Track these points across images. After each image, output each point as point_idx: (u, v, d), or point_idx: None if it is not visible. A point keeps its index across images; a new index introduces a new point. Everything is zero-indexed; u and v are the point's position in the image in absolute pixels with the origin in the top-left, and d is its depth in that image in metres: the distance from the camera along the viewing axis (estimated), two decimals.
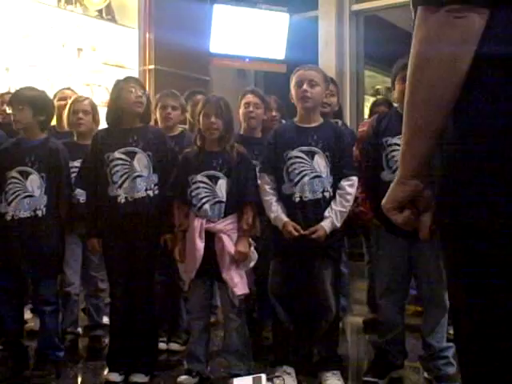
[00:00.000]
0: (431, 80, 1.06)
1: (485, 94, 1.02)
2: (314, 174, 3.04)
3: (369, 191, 3.14)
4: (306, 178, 3.03)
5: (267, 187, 3.09)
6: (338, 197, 3.04)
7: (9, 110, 3.36)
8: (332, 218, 3.00)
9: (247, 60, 6.83)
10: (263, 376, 2.68)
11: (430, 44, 1.05)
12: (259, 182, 3.13)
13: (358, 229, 3.72)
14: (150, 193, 3.15)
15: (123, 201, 3.12)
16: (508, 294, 1.02)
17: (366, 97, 7.62)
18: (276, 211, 3.04)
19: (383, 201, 1.19)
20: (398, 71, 3.01)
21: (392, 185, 1.17)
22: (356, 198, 3.16)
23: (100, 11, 6.02)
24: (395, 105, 3.25)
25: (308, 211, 3.03)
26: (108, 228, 3.20)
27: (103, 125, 3.70)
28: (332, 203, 3.03)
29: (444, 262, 1.21)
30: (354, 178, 3.08)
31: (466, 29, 1.02)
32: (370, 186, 3.11)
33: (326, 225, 2.99)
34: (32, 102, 3.28)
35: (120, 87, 3.25)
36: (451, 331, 2.70)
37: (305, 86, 3.06)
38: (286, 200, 3.07)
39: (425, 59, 1.06)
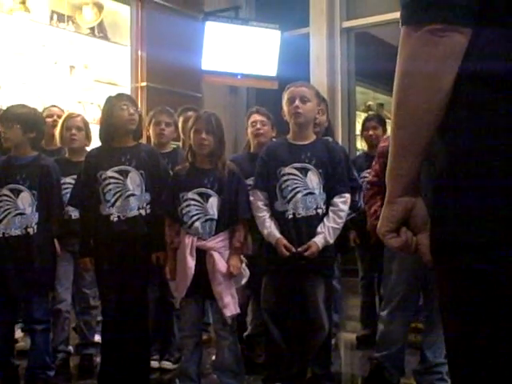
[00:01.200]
0: (415, 98, 1.06)
1: (470, 111, 1.02)
2: (307, 191, 3.04)
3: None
4: (299, 195, 3.04)
5: (260, 203, 3.10)
6: (330, 213, 3.05)
7: None
8: (325, 234, 3.00)
9: (239, 77, 6.85)
10: None
11: (413, 62, 1.06)
12: (252, 198, 3.13)
13: (376, 242, 3.70)
14: (143, 211, 3.15)
15: (116, 219, 3.11)
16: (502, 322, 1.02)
17: (358, 113, 7.65)
18: (269, 227, 3.04)
19: (378, 226, 1.17)
20: None
21: (383, 208, 1.17)
22: (375, 211, 3.14)
23: (92, 29, 6.04)
24: None
25: (301, 228, 3.03)
26: (100, 246, 3.19)
27: (95, 141, 3.71)
28: (325, 219, 3.04)
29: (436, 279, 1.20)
30: (347, 195, 3.09)
31: (448, 47, 1.02)
32: None
33: (318, 241, 2.99)
34: (22, 120, 3.27)
35: (112, 104, 3.25)
36: None
37: (297, 102, 3.08)
38: (278, 217, 3.07)
39: (408, 77, 1.07)
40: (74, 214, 3.46)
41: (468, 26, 1.01)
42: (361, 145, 6.44)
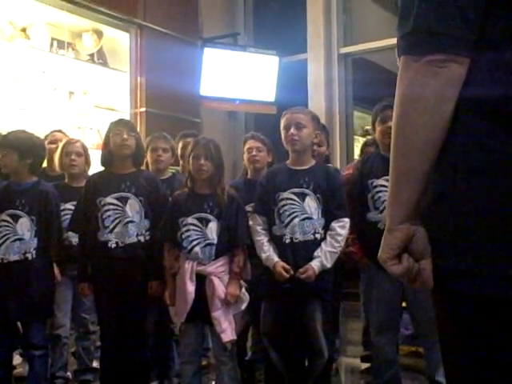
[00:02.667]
0: (415, 126, 1.06)
1: (469, 138, 1.03)
2: (305, 216, 3.05)
3: (357, 232, 3.17)
4: (297, 220, 3.05)
5: (259, 228, 3.11)
6: (328, 238, 3.06)
7: None
8: (321, 259, 3.00)
9: (237, 102, 6.90)
10: None
11: (413, 92, 1.06)
12: (251, 222, 3.14)
13: (350, 269, 3.73)
14: (141, 238, 3.16)
15: (114, 245, 3.12)
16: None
17: (356, 137, 7.69)
18: (267, 251, 3.05)
19: (379, 253, 1.17)
20: (377, 113, 3.07)
21: (383, 235, 1.17)
22: (346, 239, 3.17)
23: (92, 55, 6.09)
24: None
25: (298, 252, 3.04)
26: (99, 272, 3.20)
27: (94, 166, 3.72)
28: (322, 244, 3.04)
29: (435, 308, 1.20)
30: (346, 220, 3.10)
31: (448, 78, 1.03)
32: (358, 226, 3.15)
33: (315, 264, 2.99)
34: (17, 147, 3.27)
35: (110, 130, 3.28)
36: None
37: (292, 130, 3.10)
38: (276, 241, 3.08)
39: (408, 106, 1.08)
40: (75, 239, 3.46)
41: (467, 57, 1.03)
42: None
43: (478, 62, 1.02)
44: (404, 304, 3.18)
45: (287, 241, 3.05)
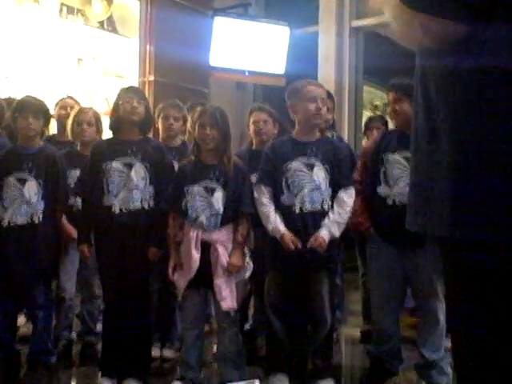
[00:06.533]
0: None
1: (485, 107, 1.04)
2: (313, 186, 3.05)
3: (366, 203, 3.19)
4: (306, 190, 3.05)
5: (264, 199, 3.09)
6: (336, 207, 3.06)
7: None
8: (330, 227, 3.01)
9: (247, 73, 6.86)
10: (256, 382, 2.69)
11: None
12: (256, 193, 3.12)
13: (355, 239, 3.78)
14: (146, 204, 3.16)
15: (118, 211, 3.13)
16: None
17: (365, 112, 7.66)
18: (274, 222, 3.03)
19: None
20: (388, 91, 3.14)
21: None
22: (356, 210, 3.18)
23: (101, 22, 6.07)
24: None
25: (308, 222, 3.04)
26: (102, 236, 3.21)
27: (106, 134, 3.74)
28: (330, 213, 3.05)
29: (445, 276, 1.22)
30: (352, 189, 3.11)
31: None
32: (368, 198, 3.17)
33: (324, 234, 3.00)
34: (44, 112, 3.38)
35: (120, 97, 3.27)
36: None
37: (320, 104, 3.10)
38: (285, 211, 3.07)
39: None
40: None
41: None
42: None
43: (484, 28, 1.03)
44: None
45: (297, 211, 3.05)
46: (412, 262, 3.05)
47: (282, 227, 3.02)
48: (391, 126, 4.50)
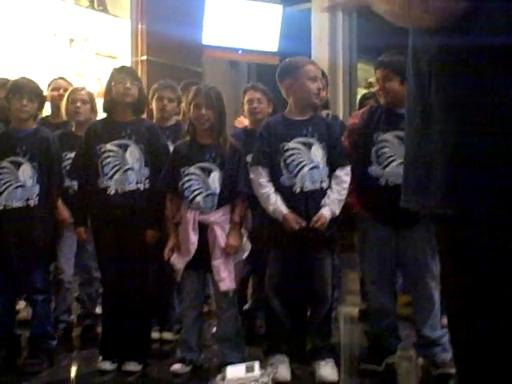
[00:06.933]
0: None
1: (479, 87, 1.03)
2: (312, 165, 3.04)
3: (357, 184, 3.16)
4: (306, 169, 3.03)
5: (262, 180, 3.06)
6: (334, 185, 3.05)
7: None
8: (331, 206, 3.01)
9: (240, 52, 6.82)
10: (256, 364, 2.70)
11: None
12: (253, 175, 3.09)
13: (346, 219, 3.76)
14: (141, 186, 3.15)
15: (113, 192, 3.12)
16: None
17: (359, 89, 7.63)
18: (275, 203, 3.01)
19: None
20: (375, 68, 3.12)
21: None
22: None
23: (92, 2, 6.00)
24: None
25: (309, 201, 3.03)
26: (98, 219, 3.21)
27: (100, 114, 3.71)
28: (329, 192, 3.04)
29: (440, 255, 1.22)
30: (348, 167, 3.10)
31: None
32: (358, 178, 3.14)
33: (326, 212, 3.00)
34: (39, 95, 3.34)
35: (112, 77, 3.24)
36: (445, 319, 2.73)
37: (320, 84, 3.09)
38: (285, 191, 3.05)
39: None
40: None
41: None
42: None
43: (482, 6, 1.01)
44: None
45: (297, 190, 3.03)
46: (406, 240, 3.05)
47: (283, 208, 3.00)
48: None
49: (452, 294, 1.18)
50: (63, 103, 3.80)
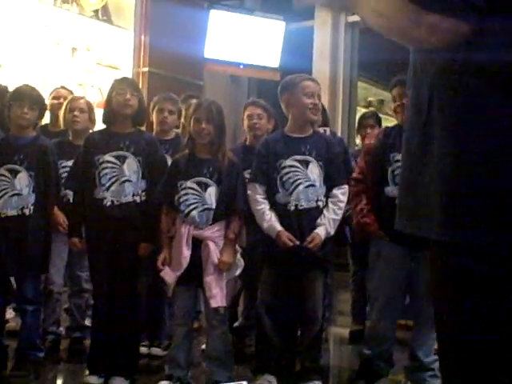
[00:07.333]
0: None
1: (478, 109, 1.02)
2: (309, 183, 3.04)
3: (373, 204, 3.15)
4: (301, 187, 3.03)
5: (259, 197, 3.07)
6: (330, 204, 3.05)
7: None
8: (326, 226, 3.00)
9: (241, 66, 6.83)
10: (244, 383, 2.68)
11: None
12: (249, 191, 3.10)
13: (363, 239, 3.73)
14: (137, 198, 3.14)
15: (109, 204, 3.11)
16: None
17: (358, 108, 7.65)
18: (269, 220, 3.02)
19: None
20: (391, 89, 3.11)
21: None
22: (362, 210, 3.16)
23: (96, 11, 6.01)
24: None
25: (303, 220, 3.03)
26: (93, 230, 3.19)
27: (99, 125, 3.70)
28: (325, 211, 3.04)
29: (432, 278, 1.21)
30: (346, 186, 3.10)
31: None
32: (375, 199, 3.13)
33: (320, 232, 2.99)
34: (40, 103, 3.34)
35: (113, 88, 3.24)
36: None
37: (316, 99, 3.09)
38: (280, 209, 3.05)
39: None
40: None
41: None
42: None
43: (485, 24, 1.01)
44: None
45: (292, 208, 3.03)
46: (419, 262, 3.01)
47: (277, 225, 3.00)
48: (387, 123, 4.49)
49: (442, 319, 1.18)
50: (61, 112, 3.80)
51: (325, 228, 3.00)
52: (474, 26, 1.02)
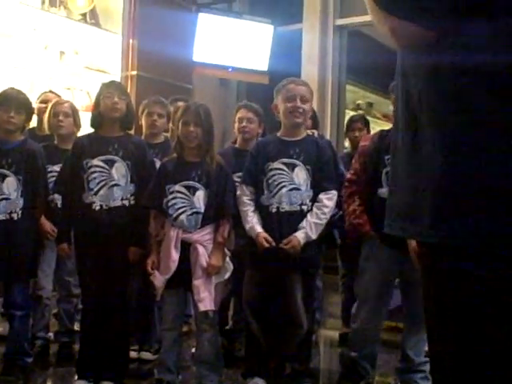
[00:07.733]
0: None
1: (465, 111, 1.03)
2: (293, 186, 3.05)
3: (366, 205, 3.16)
4: (284, 190, 3.04)
5: (245, 198, 3.10)
6: (314, 209, 3.05)
7: None
8: (306, 230, 3.00)
9: (230, 70, 6.84)
10: None
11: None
12: (238, 192, 3.12)
13: (355, 240, 3.73)
14: (126, 202, 3.13)
15: (98, 208, 3.10)
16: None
17: (347, 111, 7.67)
18: (251, 222, 3.04)
19: None
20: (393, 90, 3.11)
21: None
22: (354, 210, 3.17)
23: (84, 15, 5.99)
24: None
25: (283, 222, 3.03)
26: (82, 234, 3.18)
27: (84, 128, 3.69)
28: (308, 215, 3.04)
29: (423, 281, 1.21)
30: (334, 192, 3.10)
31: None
32: (368, 200, 3.14)
33: (299, 235, 2.99)
34: (27, 106, 3.31)
35: (100, 92, 3.23)
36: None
37: (298, 102, 3.07)
38: (263, 210, 3.07)
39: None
40: (60, 202, 3.44)
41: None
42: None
43: (463, 24, 1.02)
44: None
45: (273, 210, 3.04)
46: (412, 263, 3.02)
47: (257, 227, 3.02)
48: (375, 125, 4.50)
49: (432, 322, 1.18)
50: (46, 116, 3.78)
51: (305, 231, 3.00)
52: (434, 33, 1.03)
